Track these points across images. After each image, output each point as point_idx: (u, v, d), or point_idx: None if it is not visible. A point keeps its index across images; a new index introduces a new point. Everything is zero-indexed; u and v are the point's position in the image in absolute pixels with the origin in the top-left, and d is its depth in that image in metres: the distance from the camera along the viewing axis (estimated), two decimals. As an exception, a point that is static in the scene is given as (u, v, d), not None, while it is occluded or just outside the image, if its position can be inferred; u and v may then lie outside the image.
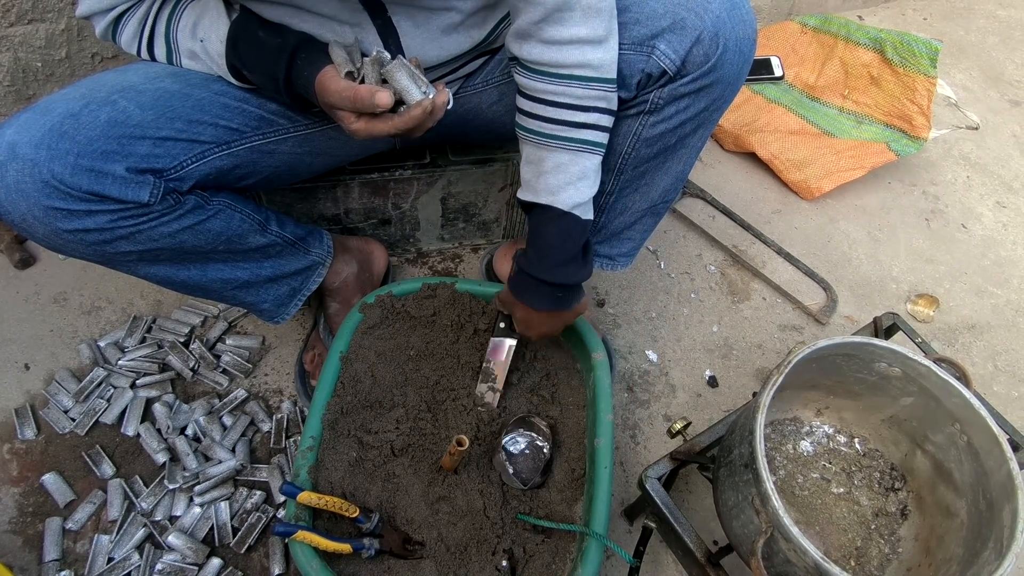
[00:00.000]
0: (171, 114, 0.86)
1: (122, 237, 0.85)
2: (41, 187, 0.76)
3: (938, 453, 0.95)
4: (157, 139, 0.84)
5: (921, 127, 1.74)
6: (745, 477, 0.83)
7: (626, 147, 1.01)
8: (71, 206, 0.78)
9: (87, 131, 0.79)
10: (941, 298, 1.58)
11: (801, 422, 1.08)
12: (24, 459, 1.16)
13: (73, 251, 0.85)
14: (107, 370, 1.24)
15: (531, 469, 1.05)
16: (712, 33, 0.86)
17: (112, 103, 0.82)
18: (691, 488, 1.23)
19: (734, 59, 0.90)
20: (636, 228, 1.17)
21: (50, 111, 0.79)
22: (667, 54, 0.88)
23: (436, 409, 1.12)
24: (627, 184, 1.07)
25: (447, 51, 0.94)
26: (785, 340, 1.47)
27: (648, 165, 1.04)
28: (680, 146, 1.01)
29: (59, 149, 0.76)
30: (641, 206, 1.11)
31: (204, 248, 0.95)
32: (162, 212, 0.86)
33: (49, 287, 1.36)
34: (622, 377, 1.36)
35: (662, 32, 0.88)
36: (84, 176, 0.77)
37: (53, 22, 1.28)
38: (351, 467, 1.03)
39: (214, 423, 1.20)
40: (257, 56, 0.86)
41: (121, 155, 0.80)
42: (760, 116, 1.84)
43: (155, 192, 0.84)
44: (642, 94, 0.94)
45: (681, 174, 1.08)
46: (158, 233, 0.87)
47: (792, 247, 1.63)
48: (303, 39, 0.85)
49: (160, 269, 0.95)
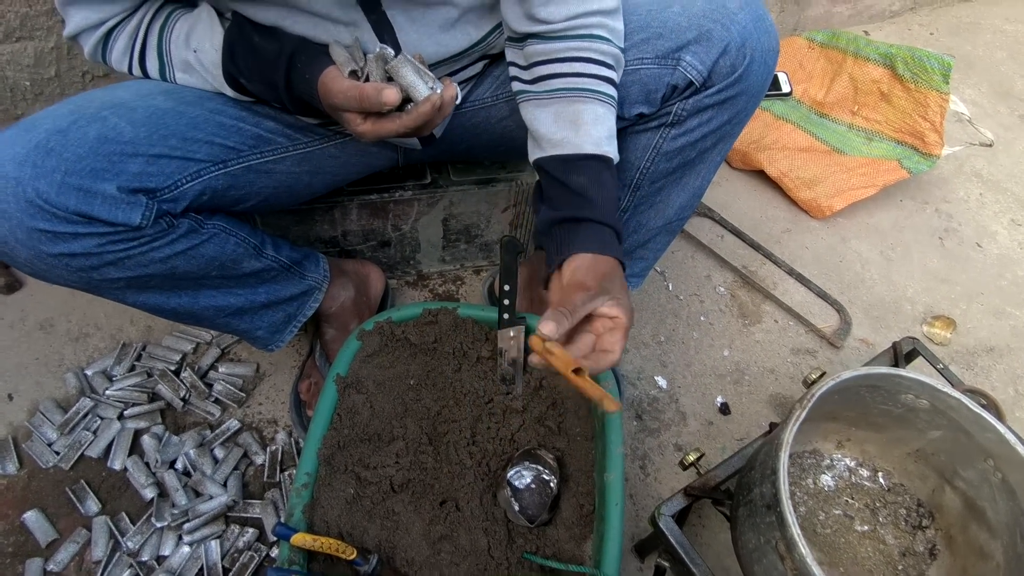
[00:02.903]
0: (164, 131, 0.82)
1: (110, 263, 0.79)
2: (25, 207, 0.71)
3: (969, 490, 0.90)
4: (150, 156, 0.79)
5: (934, 144, 1.70)
6: (768, 519, 0.78)
7: (644, 161, 0.98)
8: (57, 228, 0.73)
9: (75, 148, 0.74)
10: (958, 319, 1.53)
11: (821, 455, 1.03)
12: (5, 496, 1.10)
13: (57, 277, 0.80)
14: (94, 400, 1.19)
15: (538, 505, 1.00)
16: (739, 43, 0.86)
17: (102, 119, 0.78)
18: (704, 523, 1.18)
19: (760, 70, 0.89)
20: (649, 247, 1.13)
21: (36, 127, 0.75)
22: (694, 65, 0.87)
23: (438, 442, 1.06)
24: (643, 200, 1.04)
25: (445, 48, 0.90)
26: (799, 364, 1.42)
27: (666, 180, 1.01)
28: (699, 161, 0.99)
29: (45, 167, 0.72)
30: (656, 223, 1.08)
31: (196, 274, 0.90)
32: (154, 236, 0.81)
33: (36, 313, 1.32)
34: (631, 404, 1.31)
35: (688, 44, 0.87)
36: (72, 195, 0.72)
37: (42, 40, 1.24)
38: (348, 505, 0.97)
39: (205, 456, 1.14)
40: (254, 62, 0.82)
41: (112, 173, 0.76)
42: (768, 133, 1.80)
43: (147, 214, 0.79)
44: (665, 106, 0.93)
45: (698, 190, 1.05)
46: (149, 259, 0.82)
47: (803, 267, 1.59)
48: (301, 42, 0.81)
49: (150, 297, 0.90)
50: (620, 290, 0.78)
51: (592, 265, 0.79)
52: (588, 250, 0.80)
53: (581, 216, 0.81)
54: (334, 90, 0.76)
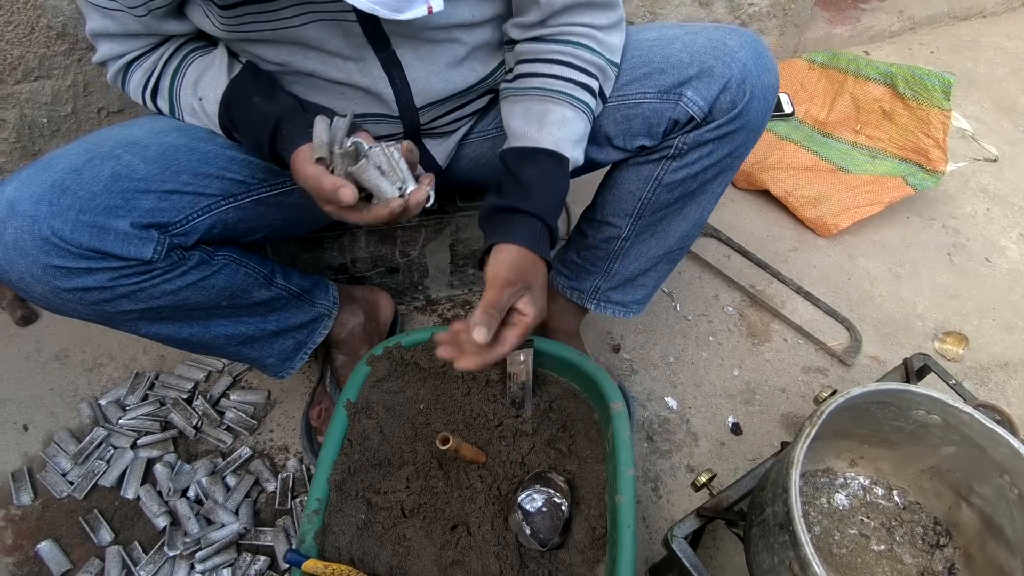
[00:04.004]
0: (176, 167, 0.84)
1: (123, 296, 0.81)
2: (40, 244, 0.73)
3: (986, 507, 0.89)
4: (162, 192, 0.82)
5: (938, 160, 1.70)
6: (781, 539, 0.77)
7: (646, 192, 1.00)
8: (71, 264, 0.75)
9: (90, 186, 0.76)
10: (970, 335, 1.52)
11: (835, 473, 1.02)
12: (19, 526, 1.11)
13: (72, 311, 0.82)
14: (107, 430, 1.20)
15: (549, 528, 0.99)
16: (739, 80, 0.88)
17: (116, 157, 0.80)
18: (719, 544, 1.16)
19: (759, 106, 0.91)
20: (650, 274, 1.14)
21: (52, 166, 0.77)
22: (695, 101, 0.89)
23: (448, 466, 1.06)
24: (644, 229, 1.06)
25: (453, 85, 0.92)
26: (809, 383, 1.41)
27: (667, 211, 1.02)
28: (700, 192, 1.01)
29: (60, 205, 0.74)
30: (657, 252, 1.09)
31: (207, 304, 0.92)
32: (165, 269, 0.83)
33: (51, 344, 1.33)
34: (641, 426, 1.31)
35: (689, 80, 0.89)
36: (86, 232, 0.75)
37: (59, 78, 1.28)
38: (359, 531, 0.97)
39: (217, 484, 1.15)
40: (247, 121, 0.84)
41: (125, 210, 0.78)
42: (772, 153, 1.81)
43: (159, 248, 0.81)
44: (667, 139, 0.95)
45: (699, 220, 1.06)
46: (161, 291, 0.84)
47: (811, 286, 1.59)
48: (291, 109, 0.82)
49: (162, 327, 0.91)
50: (539, 289, 0.82)
51: (518, 260, 0.81)
52: (517, 242, 0.82)
53: (519, 207, 0.83)
54: (299, 173, 0.76)
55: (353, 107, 0.91)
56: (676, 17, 1.92)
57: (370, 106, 0.91)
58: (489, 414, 1.10)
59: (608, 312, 1.18)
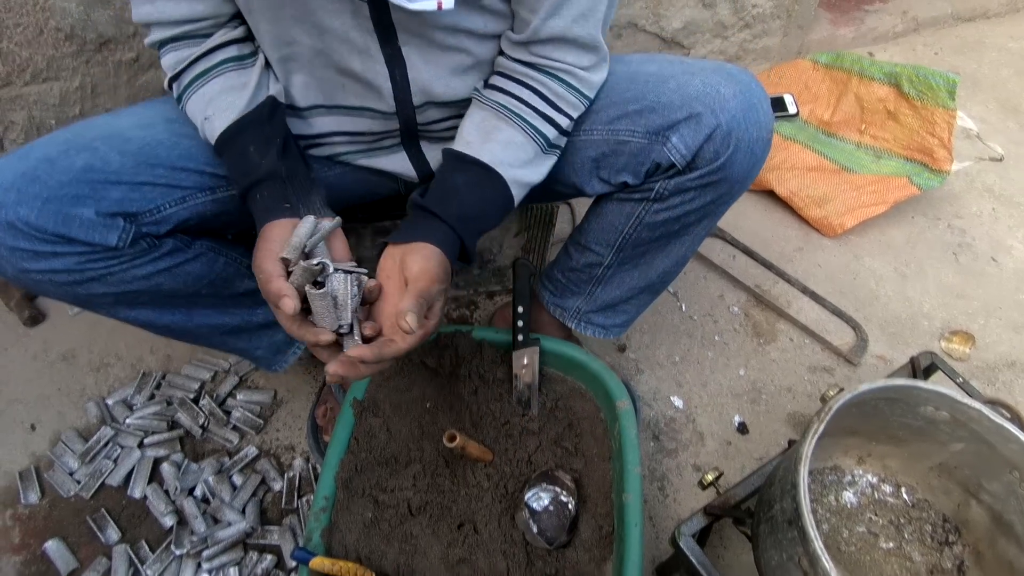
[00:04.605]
0: (153, 161, 0.84)
1: (93, 279, 0.82)
2: (6, 228, 0.75)
3: (995, 504, 0.88)
4: (134, 184, 0.82)
5: (943, 160, 1.70)
6: (790, 535, 0.77)
7: (628, 228, 1.00)
8: (36, 247, 0.77)
9: (60, 176, 0.77)
10: (977, 335, 1.52)
11: (842, 471, 1.02)
12: (27, 525, 1.11)
13: (47, 292, 0.83)
14: (115, 429, 1.20)
15: (556, 527, 0.99)
16: (725, 132, 0.86)
17: (92, 149, 0.81)
18: (726, 543, 1.16)
19: (744, 160, 0.89)
20: (632, 303, 1.15)
21: (28, 156, 0.78)
22: (678, 148, 0.87)
23: (454, 464, 1.06)
24: (626, 261, 1.06)
25: (454, 92, 0.92)
26: (816, 382, 1.40)
27: (649, 247, 1.03)
28: (684, 233, 1.00)
29: (28, 192, 0.75)
30: (638, 284, 1.10)
31: (185, 291, 0.92)
32: (134, 255, 0.84)
33: (58, 344, 1.34)
34: (647, 425, 1.31)
35: (676, 124, 0.87)
36: (50, 219, 0.76)
37: (67, 80, 1.28)
38: (366, 528, 0.97)
39: (224, 483, 1.15)
40: (235, 164, 0.83)
41: (93, 199, 0.79)
42: (776, 153, 1.81)
43: (124, 236, 0.81)
44: (649, 181, 0.93)
45: (682, 258, 1.06)
46: (131, 276, 0.85)
47: (817, 285, 1.58)
48: (275, 174, 0.81)
49: (141, 313, 0.92)
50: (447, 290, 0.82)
51: (441, 261, 0.80)
52: (439, 245, 0.81)
53: (437, 212, 0.82)
54: (256, 261, 0.75)
55: (351, 99, 0.90)
56: (679, 19, 1.92)
57: (367, 100, 0.91)
58: (496, 412, 1.10)
59: (589, 333, 1.19)
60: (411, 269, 0.79)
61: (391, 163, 1.01)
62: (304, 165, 0.86)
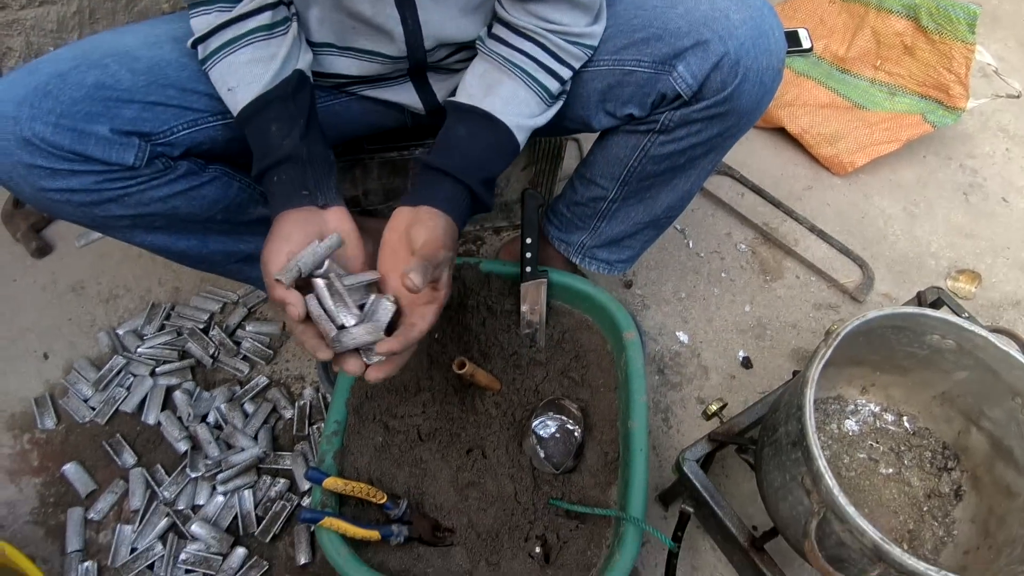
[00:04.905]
0: (164, 81, 0.83)
1: (111, 200, 0.82)
2: (22, 144, 0.74)
3: (996, 430, 0.90)
4: (146, 103, 0.81)
5: (959, 97, 1.67)
6: (793, 456, 0.79)
7: (633, 160, 0.98)
8: (54, 165, 0.76)
9: (72, 91, 0.76)
10: (983, 274, 1.51)
11: (845, 400, 1.03)
12: (44, 449, 1.14)
13: (63, 212, 0.83)
14: (126, 358, 1.22)
15: (562, 453, 1.01)
16: (733, 60, 0.82)
17: (103, 66, 0.79)
18: (727, 472, 1.19)
19: (752, 90, 0.86)
20: (636, 238, 1.14)
21: (38, 71, 0.77)
22: (684, 77, 0.85)
23: (463, 392, 1.08)
24: (631, 195, 1.05)
25: (464, 32, 0.89)
26: (820, 319, 1.41)
27: (654, 180, 1.01)
28: (689, 166, 0.98)
29: (41, 108, 0.74)
30: (643, 219, 1.09)
31: (200, 216, 0.92)
32: (151, 176, 0.83)
33: (66, 276, 1.34)
34: (652, 359, 1.32)
35: (683, 52, 0.84)
36: (66, 135, 0.75)
37: (64, 4, 1.25)
38: (377, 452, 0.99)
39: (235, 410, 1.17)
40: (255, 142, 0.82)
41: (106, 117, 0.78)
42: (789, 90, 1.78)
43: (140, 155, 0.81)
44: (654, 113, 0.91)
45: (688, 193, 1.05)
46: (148, 197, 0.84)
47: (825, 224, 1.57)
48: (294, 158, 0.79)
49: (157, 237, 0.92)
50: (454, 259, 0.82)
51: (447, 228, 0.81)
52: (445, 210, 0.81)
53: (441, 166, 0.82)
54: (265, 253, 0.75)
55: (361, 42, 0.88)
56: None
57: (379, 44, 0.89)
58: (503, 343, 1.11)
59: (593, 268, 1.19)
60: (416, 241, 0.79)
61: (398, 95, 0.99)
62: (325, 146, 0.84)
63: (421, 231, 0.79)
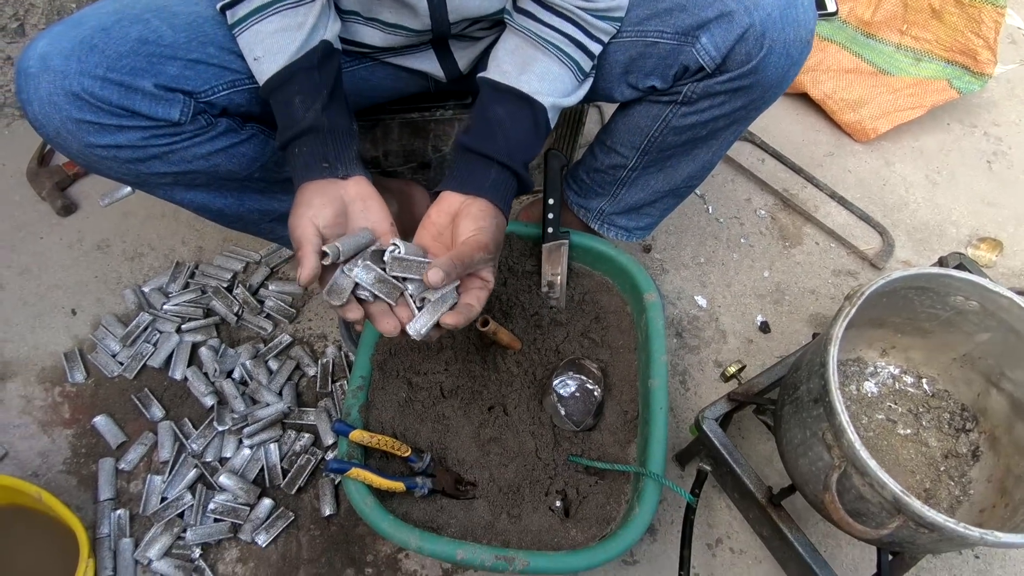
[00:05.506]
0: (203, 38, 0.83)
1: (155, 156, 0.83)
2: (72, 99, 0.75)
3: (1017, 391, 0.90)
4: (188, 61, 0.81)
5: (986, 62, 1.64)
6: (815, 412, 0.80)
7: (654, 130, 0.98)
8: (102, 120, 0.77)
9: (117, 46, 0.76)
10: (1005, 242, 1.51)
11: (865, 363, 1.04)
12: (75, 402, 1.16)
13: (108, 169, 0.83)
14: (152, 315, 1.24)
15: (582, 411, 1.03)
16: (759, 32, 0.81)
17: (144, 21, 0.79)
18: (744, 434, 1.20)
19: (779, 63, 0.84)
20: (656, 206, 1.14)
21: (82, 24, 0.77)
22: (707, 49, 0.84)
23: (484, 351, 1.09)
24: (651, 164, 1.04)
25: (490, 4, 0.88)
26: (840, 285, 1.41)
27: (675, 151, 1.01)
28: (711, 138, 0.98)
29: (88, 62, 0.75)
30: (663, 188, 1.09)
31: (239, 174, 0.93)
32: (195, 132, 0.84)
33: (92, 234, 1.36)
34: (671, 323, 1.33)
35: (707, 23, 0.82)
36: (113, 90, 0.76)
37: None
38: (401, 408, 1.01)
39: (260, 367, 1.19)
40: (280, 112, 0.82)
41: (150, 73, 0.78)
42: (812, 54, 1.74)
43: (185, 111, 0.81)
44: (677, 85, 0.90)
45: (708, 163, 1.04)
46: (192, 154, 0.85)
47: (846, 191, 1.56)
48: (317, 129, 0.79)
49: (197, 195, 0.93)
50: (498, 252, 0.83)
51: (496, 223, 0.81)
52: (495, 200, 0.81)
53: (487, 152, 0.81)
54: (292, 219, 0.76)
55: (386, 14, 0.88)
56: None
57: (403, 18, 0.88)
58: (524, 304, 1.12)
59: (611, 235, 1.19)
60: (461, 233, 0.80)
61: (420, 63, 0.99)
62: (347, 117, 0.84)
63: (469, 225, 0.80)
